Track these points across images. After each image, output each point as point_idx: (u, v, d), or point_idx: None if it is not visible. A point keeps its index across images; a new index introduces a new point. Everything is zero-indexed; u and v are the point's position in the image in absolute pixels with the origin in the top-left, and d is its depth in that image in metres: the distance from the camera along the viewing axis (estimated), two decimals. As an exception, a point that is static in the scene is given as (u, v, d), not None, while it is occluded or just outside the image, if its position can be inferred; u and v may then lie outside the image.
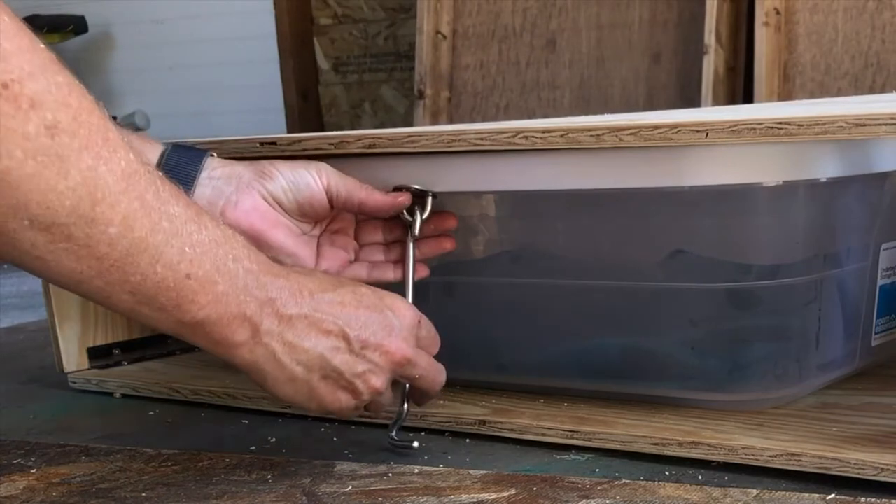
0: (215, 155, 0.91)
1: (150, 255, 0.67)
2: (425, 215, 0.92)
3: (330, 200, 0.90)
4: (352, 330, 0.77)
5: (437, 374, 0.83)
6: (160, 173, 0.70)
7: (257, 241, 0.84)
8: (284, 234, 0.90)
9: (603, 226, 0.91)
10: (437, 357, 0.84)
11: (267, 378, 0.76)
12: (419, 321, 0.82)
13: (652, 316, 0.89)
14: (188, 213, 0.69)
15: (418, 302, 0.88)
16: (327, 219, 0.93)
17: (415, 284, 0.91)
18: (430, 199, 0.92)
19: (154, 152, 0.89)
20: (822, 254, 0.87)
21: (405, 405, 0.88)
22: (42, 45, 0.63)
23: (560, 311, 0.94)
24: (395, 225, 0.94)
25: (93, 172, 0.64)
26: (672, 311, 0.88)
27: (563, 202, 0.91)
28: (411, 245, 0.92)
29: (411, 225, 0.92)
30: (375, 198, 0.91)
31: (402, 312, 0.80)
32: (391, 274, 0.93)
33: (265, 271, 0.74)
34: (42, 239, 0.64)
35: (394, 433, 0.88)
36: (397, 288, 0.88)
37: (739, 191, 0.82)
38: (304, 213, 0.91)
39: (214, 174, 0.89)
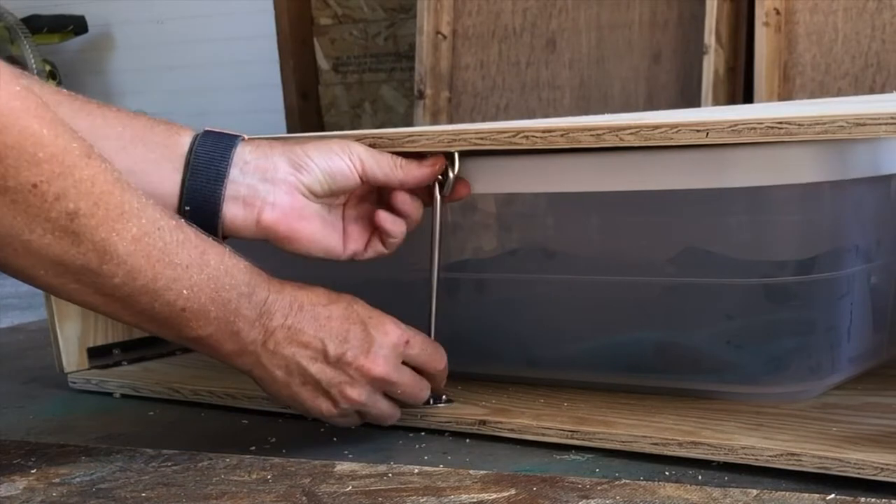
0: (246, 137, 0.91)
1: (150, 296, 0.79)
2: (454, 173, 0.91)
3: (365, 183, 0.91)
4: (330, 343, 0.84)
5: (418, 391, 0.89)
6: (174, 222, 0.80)
7: (291, 240, 0.89)
8: (316, 225, 0.90)
9: (638, 224, 0.92)
10: (468, 350, 0.88)
11: (257, 380, 0.87)
12: (407, 341, 0.87)
13: (689, 311, 0.91)
14: (191, 258, 0.80)
15: (448, 301, 0.88)
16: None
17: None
18: (457, 157, 0.91)
19: (184, 139, 0.90)
20: (854, 249, 0.88)
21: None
22: (76, 144, 0.74)
23: (596, 307, 0.95)
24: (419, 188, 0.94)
25: (104, 243, 0.76)
26: (709, 307, 0.89)
27: (598, 201, 0.92)
28: (439, 205, 0.92)
29: (442, 185, 0.92)
30: (414, 174, 0.91)
31: (388, 331, 0.86)
32: (381, 247, 0.93)
33: (263, 288, 0.83)
34: (55, 281, 0.77)
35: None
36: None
37: (775, 190, 0.84)
38: (336, 195, 0.91)
39: (248, 169, 0.89)
